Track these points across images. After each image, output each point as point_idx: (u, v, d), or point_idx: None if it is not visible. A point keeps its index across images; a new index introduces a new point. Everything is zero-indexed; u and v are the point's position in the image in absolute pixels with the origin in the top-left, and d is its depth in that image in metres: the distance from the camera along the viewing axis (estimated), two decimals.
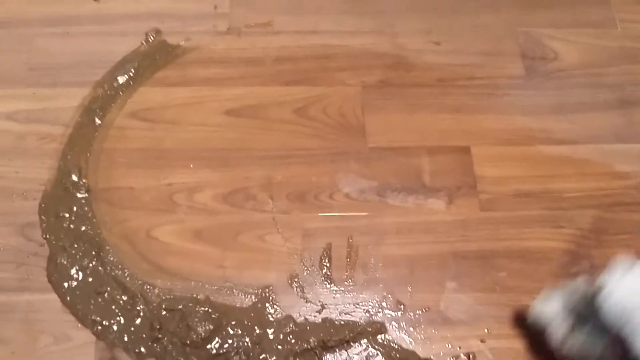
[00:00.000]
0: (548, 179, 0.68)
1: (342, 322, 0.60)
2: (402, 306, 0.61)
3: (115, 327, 0.59)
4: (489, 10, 0.79)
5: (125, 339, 0.58)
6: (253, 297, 0.61)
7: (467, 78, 0.74)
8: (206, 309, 0.59)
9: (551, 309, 0.56)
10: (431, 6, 0.79)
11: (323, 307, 0.61)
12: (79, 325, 0.59)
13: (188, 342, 0.57)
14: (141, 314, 0.59)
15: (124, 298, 0.60)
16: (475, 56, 0.75)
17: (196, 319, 0.58)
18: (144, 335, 0.58)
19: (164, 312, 0.59)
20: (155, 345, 0.58)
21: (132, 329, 0.59)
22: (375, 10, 0.78)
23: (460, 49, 0.76)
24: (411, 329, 0.60)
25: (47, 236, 0.63)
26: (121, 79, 0.71)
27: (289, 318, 0.60)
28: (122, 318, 0.59)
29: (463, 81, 0.74)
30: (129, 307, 0.59)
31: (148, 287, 0.61)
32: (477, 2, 0.80)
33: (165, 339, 0.58)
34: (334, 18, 0.77)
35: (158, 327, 0.58)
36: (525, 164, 0.69)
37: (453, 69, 0.74)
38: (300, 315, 0.60)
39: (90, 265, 0.62)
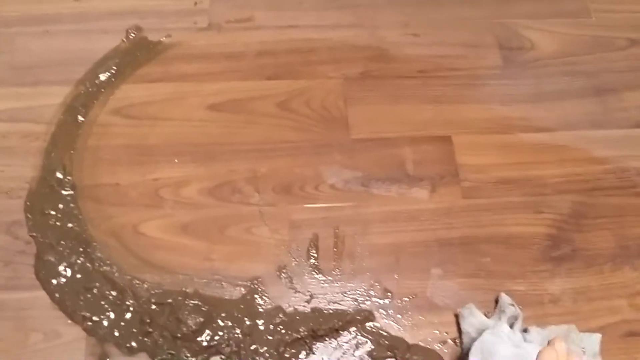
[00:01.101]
0: (528, 165, 0.70)
1: (331, 311, 0.61)
2: (389, 294, 0.62)
3: (105, 323, 0.59)
4: (466, 3, 0.80)
5: (116, 334, 0.58)
6: (242, 289, 0.62)
7: (447, 69, 0.75)
8: (196, 302, 0.59)
9: (467, 322, 0.60)
10: None
11: (312, 297, 0.62)
12: (69, 321, 0.59)
13: (179, 335, 0.58)
14: (131, 308, 0.59)
15: (113, 293, 0.60)
16: (454, 47, 0.77)
17: (186, 312, 0.58)
18: (134, 330, 0.58)
19: (153, 307, 0.59)
20: (145, 339, 0.58)
21: (123, 324, 0.59)
22: (354, 4, 0.79)
23: (439, 40, 0.77)
24: (399, 315, 0.61)
25: (34, 234, 0.63)
26: (103, 77, 0.71)
27: (279, 309, 0.60)
28: (112, 313, 0.59)
29: (443, 72, 0.75)
30: (118, 302, 0.60)
31: (137, 282, 0.61)
32: None
33: (156, 333, 0.58)
34: (314, 12, 0.78)
35: (148, 321, 0.58)
36: (505, 152, 0.70)
37: (433, 61, 0.76)
38: (289, 305, 0.61)
39: (78, 261, 0.62)
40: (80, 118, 0.69)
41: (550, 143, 0.71)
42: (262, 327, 0.59)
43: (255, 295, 0.61)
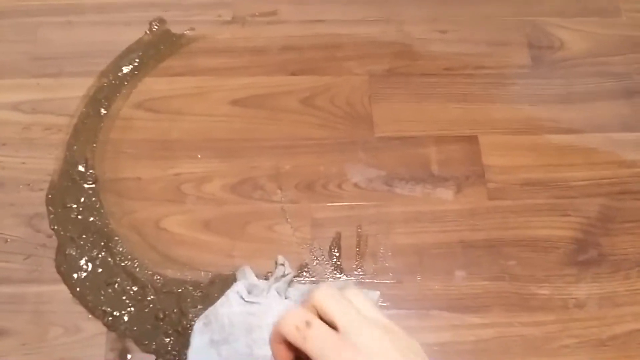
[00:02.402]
0: (555, 167, 0.68)
1: None
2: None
3: (126, 318, 0.58)
4: (496, 0, 0.79)
5: (136, 329, 0.58)
6: None
7: (474, 67, 0.74)
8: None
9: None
10: None
11: None
12: (90, 316, 0.58)
13: (179, 329, 0.57)
14: (151, 305, 0.59)
15: (134, 288, 0.59)
16: (481, 45, 0.75)
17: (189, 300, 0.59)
18: (149, 326, 0.58)
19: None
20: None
21: (141, 319, 0.58)
22: None
23: (467, 38, 0.76)
24: (421, 318, 0.60)
25: (55, 227, 0.62)
26: (126, 69, 0.70)
27: None
28: (132, 308, 0.59)
29: (470, 70, 0.73)
30: (139, 297, 0.59)
31: (158, 277, 0.60)
32: None
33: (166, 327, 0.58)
34: (340, 7, 0.77)
35: (162, 316, 0.58)
36: (532, 153, 0.69)
37: (460, 58, 0.74)
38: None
39: (100, 256, 0.61)
40: (102, 111, 0.68)
41: (579, 145, 0.70)
42: None
43: None
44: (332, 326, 0.38)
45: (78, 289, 0.59)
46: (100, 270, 0.60)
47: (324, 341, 0.39)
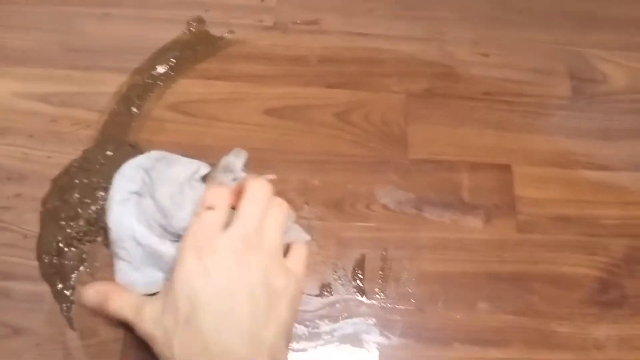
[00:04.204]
0: (588, 204, 0.67)
1: None
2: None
3: None
4: (540, 26, 0.77)
5: None
6: None
7: (514, 94, 0.72)
8: None
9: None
10: (483, 16, 0.77)
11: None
12: (107, 320, 0.57)
13: None
14: None
15: None
16: (523, 72, 0.73)
17: None
18: None
19: None
20: None
21: None
22: (426, 16, 0.76)
23: (509, 63, 0.74)
24: (442, 348, 0.59)
25: None
26: (161, 69, 0.69)
27: None
28: None
29: (509, 97, 0.72)
30: None
31: None
32: (529, 16, 0.77)
33: None
34: (384, 21, 0.75)
35: None
36: (565, 188, 0.68)
37: (500, 84, 0.72)
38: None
39: None
40: (134, 110, 0.66)
41: (613, 183, 0.68)
42: None
43: None
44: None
45: None
46: None
47: (204, 232, 0.48)
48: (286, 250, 0.54)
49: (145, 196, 0.56)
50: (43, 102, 0.67)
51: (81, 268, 0.59)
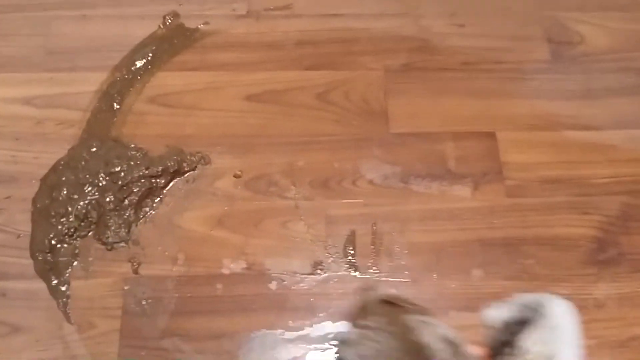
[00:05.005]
0: (575, 165, 0.67)
1: None
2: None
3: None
4: None
5: None
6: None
7: (493, 62, 0.72)
8: None
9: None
10: None
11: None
12: (104, 313, 0.58)
13: None
14: None
15: None
16: (500, 40, 0.74)
17: None
18: None
19: None
20: None
21: None
22: None
23: (485, 32, 0.74)
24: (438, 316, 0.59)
25: None
26: (139, 63, 0.70)
27: None
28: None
29: (488, 65, 0.72)
30: None
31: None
32: None
33: None
34: (356, 0, 0.76)
35: None
36: (551, 150, 0.68)
37: (478, 53, 0.73)
38: None
39: None
40: (115, 105, 0.67)
41: (599, 142, 0.68)
42: None
43: None
44: None
45: None
46: None
47: None
48: None
49: None
50: (27, 105, 0.68)
51: (75, 263, 0.60)
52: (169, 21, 0.73)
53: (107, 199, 0.61)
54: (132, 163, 0.62)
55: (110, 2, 0.74)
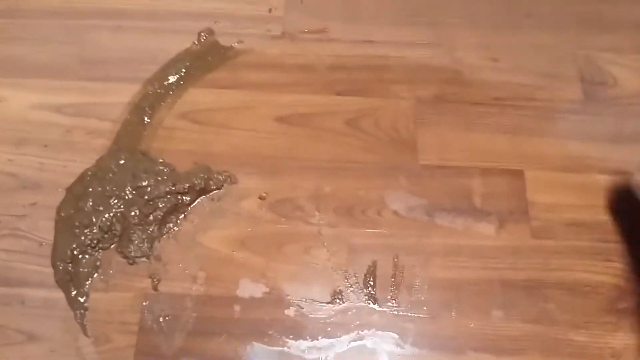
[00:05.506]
0: (601, 209, 0.66)
1: None
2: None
3: None
4: (550, 30, 0.76)
5: None
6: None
7: (524, 99, 0.72)
8: None
9: None
10: (491, 21, 0.77)
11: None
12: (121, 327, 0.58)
13: None
14: None
15: None
16: (533, 76, 0.73)
17: None
18: None
19: None
20: None
21: None
22: (433, 21, 0.76)
23: (519, 67, 0.74)
24: (454, 357, 0.59)
25: None
26: (172, 78, 0.70)
27: None
28: None
29: (520, 101, 0.71)
30: None
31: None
32: (538, 20, 0.77)
33: None
34: (391, 28, 0.75)
35: None
36: (579, 193, 0.67)
37: (510, 88, 0.72)
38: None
39: None
40: (146, 119, 0.67)
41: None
42: None
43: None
44: None
45: None
46: None
47: None
48: None
49: None
50: (58, 113, 0.68)
51: (95, 275, 0.60)
52: (204, 38, 0.73)
53: (133, 213, 0.61)
54: (160, 178, 0.62)
55: (146, 15, 0.74)
